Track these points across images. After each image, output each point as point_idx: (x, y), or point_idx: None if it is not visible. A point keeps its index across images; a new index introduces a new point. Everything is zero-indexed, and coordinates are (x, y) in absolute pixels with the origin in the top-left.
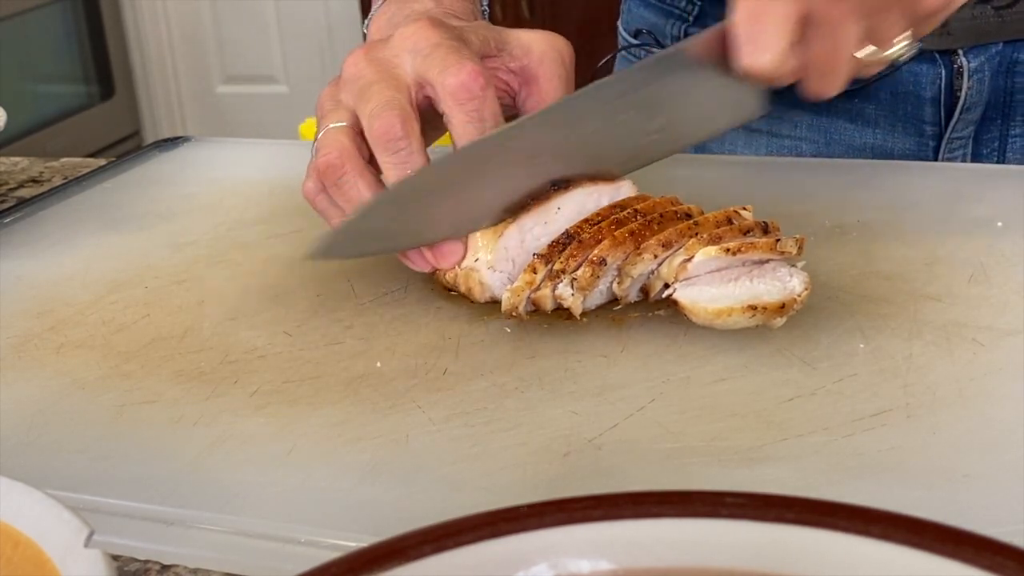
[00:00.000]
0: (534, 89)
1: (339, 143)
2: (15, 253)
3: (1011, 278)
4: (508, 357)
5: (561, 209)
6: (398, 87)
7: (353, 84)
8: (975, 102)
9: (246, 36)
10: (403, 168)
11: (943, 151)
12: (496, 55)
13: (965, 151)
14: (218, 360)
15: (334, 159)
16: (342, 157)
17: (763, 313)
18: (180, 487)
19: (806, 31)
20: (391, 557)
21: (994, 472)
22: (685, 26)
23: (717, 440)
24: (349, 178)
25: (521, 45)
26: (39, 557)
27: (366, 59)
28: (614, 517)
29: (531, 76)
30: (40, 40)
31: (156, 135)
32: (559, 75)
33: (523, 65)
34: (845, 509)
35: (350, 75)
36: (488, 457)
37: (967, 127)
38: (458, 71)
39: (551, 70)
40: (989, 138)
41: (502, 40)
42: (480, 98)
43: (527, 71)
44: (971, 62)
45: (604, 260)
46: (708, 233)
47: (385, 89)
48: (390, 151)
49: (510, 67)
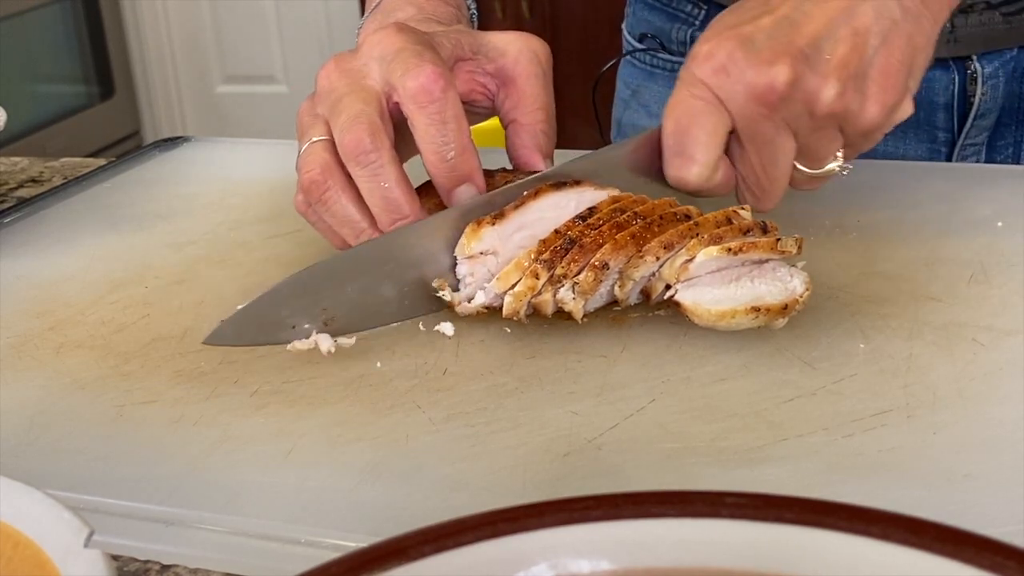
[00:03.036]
0: (512, 90)
1: (321, 159)
2: (15, 253)
3: (1011, 278)
4: (508, 357)
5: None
6: (367, 99)
7: (327, 97)
8: (989, 108)
9: (246, 36)
10: (375, 180)
11: (956, 158)
12: (471, 58)
13: (978, 158)
14: (218, 360)
15: (316, 175)
16: (324, 173)
17: (766, 314)
18: (180, 487)
19: (739, 146)
20: (391, 557)
21: (994, 472)
22: (691, 30)
23: (717, 440)
24: (332, 194)
25: (496, 47)
26: (39, 557)
27: (337, 71)
28: (614, 517)
29: (507, 77)
30: (40, 40)
31: (156, 135)
32: (535, 74)
33: (499, 66)
34: (845, 509)
35: (323, 88)
36: (488, 457)
37: (981, 133)
38: (418, 74)
39: (527, 70)
40: (1003, 144)
41: (477, 43)
42: (441, 100)
43: (503, 72)
44: (985, 68)
45: (606, 264)
46: (709, 233)
47: (354, 102)
48: (361, 164)
49: (486, 69)
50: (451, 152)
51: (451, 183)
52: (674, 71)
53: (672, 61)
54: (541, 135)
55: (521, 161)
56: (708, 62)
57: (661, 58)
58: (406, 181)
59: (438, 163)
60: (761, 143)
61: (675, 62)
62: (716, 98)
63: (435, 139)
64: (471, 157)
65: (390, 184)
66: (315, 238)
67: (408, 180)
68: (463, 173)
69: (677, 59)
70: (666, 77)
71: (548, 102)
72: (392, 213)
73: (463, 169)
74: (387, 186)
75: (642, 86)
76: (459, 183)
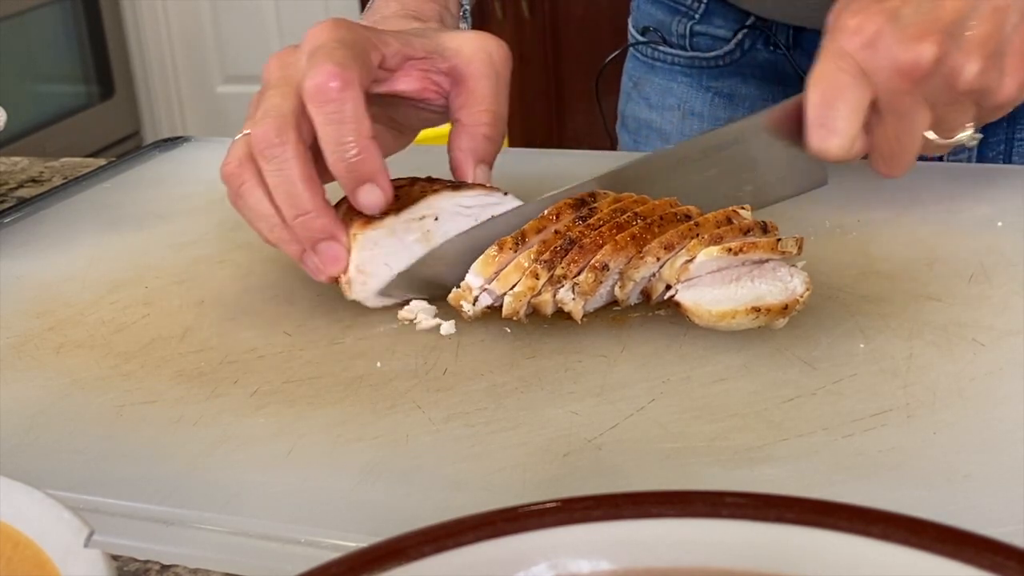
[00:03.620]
0: (462, 89)
1: (240, 151)
2: (15, 253)
3: (1011, 278)
4: (508, 357)
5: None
6: (287, 93)
7: (262, 88)
8: None
9: (246, 36)
10: (280, 174)
11: (947, 155)
12: (424, 57)
13: (970, 153)
14: (218, 360)
15: (233, 168)
16: (241, 166)
17: (766, 315)
18: (180, 487)
19: (876, 116)
20: (391, 557)
21: (994, 472)
22: (691, 23)
23: (717, 440)
24: (248, 187)
25: (452, 47)
26: (39, 557)
27: (277, 63)
28: (614, 517)
29: (460, 76)
30: (40, 40)
31: (156, 135)
32: (487, 75)
33: (452, 66)
34: (845, 509)
35: (263, 81)
36: (488, 457)
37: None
38: (315, 73)
39: (479, 70)
40: (995, 141)
41: (434, 43)
42: (337, 100)
43: (456, 71)
44: None
45: (606, 265)
46: (709, 233)
47: (273, 96)
48: (266, 158)
49: (440, 68)
50: (350, 152)
51: (352, 183)
52: (674, 64)
53: (672, 54)
54: (481, 138)
55: (453, 164)
56: (857, 36)
57: (662, 51)
58: (311, 176)
59: (336, 163)
60: (900, 115)
61: (675, 55)
62: (862, 71)
63: (332, 138)
64: (372, 158)
65: (293, 178)
66: None
67: (314, 175)
68: (364, 173)
69: (677, 52)
70: (666, 70)
71: (496, 104)
72: (294, 208)
73: (363, 169)
74: (290, 180)
75: (643, 78)
76: (361, 183)
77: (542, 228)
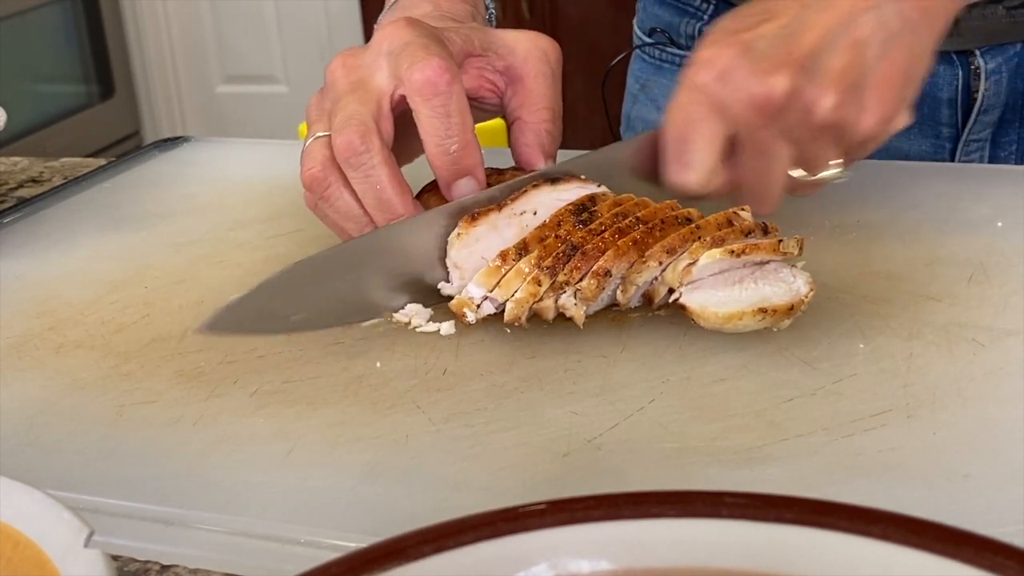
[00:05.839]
0: (519, 88)
1: (322, 155)
2: (15, 253)
3: (1011, 278)
4: (508, 357)
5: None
6: (364, 99)
7: (331, 93)
8: (992, 104)
9: (246, 36)
10: (367, 181)
11: (960, 154)
12: (482, 55)
13: (982, 153)
14: (218, 360)
15: (317, 172)
16: (325, 170)
17: (772, 316)
18: (180, 487)
19: (736, 151)
20: (391, 557)
21: (994, 472)
22: (699, 24)
23: (717, 440)
24: (334, 190)
25: (506, 45)
26: (39, 557)
27: (343, 68)
28: (614, 517)
29: (516, 75)
30: (40, 40)
31: (156, 135)
32: (544, 73)
33: (508, 64)
34: (845, 509)
35: (328, 84)
36: (488, 457)
37: (984, 129)
38: (424, 67)
39: (536, 68)
40: (1007, 141)
41: (488, 40)
42: (446, 93)
43: (512, 70)
44: (988, 63)
45: (609, 271)
46: (711, 236)
47: (350, 103)
48: (352, 166)
49: (496, 66)
50: (453, 145)
51: (452, 176)
52: (682, 65)
53: (680, 55)
54: (545, 134)
55: (523, 159)
56: (708, 69)
57: (670, 52)
58: (399, 180)
59: (440, 156)
60: (758, 150)
61: (683, 56)
62: (715, 105)
63: (438, 131)
64: (474, 151)
65: (382, 184)
66: (316, 238)
67: (401, 179)
68: (465, 167)
69: (685, 53)
70: (674, 71)
71: (555, 102)
72: (385, 212)
73: (465, 163)
74: (379, 187)
75: (651, 80)
76: (460, 176)
77: (544, 237)
